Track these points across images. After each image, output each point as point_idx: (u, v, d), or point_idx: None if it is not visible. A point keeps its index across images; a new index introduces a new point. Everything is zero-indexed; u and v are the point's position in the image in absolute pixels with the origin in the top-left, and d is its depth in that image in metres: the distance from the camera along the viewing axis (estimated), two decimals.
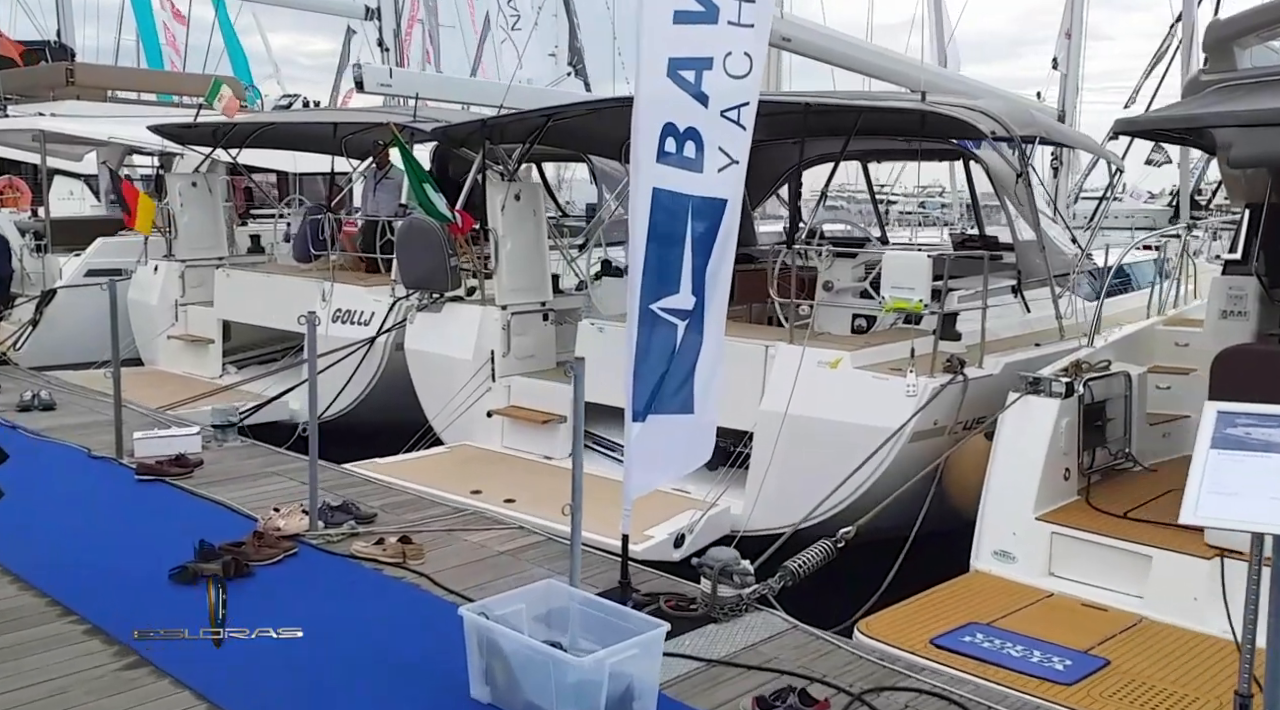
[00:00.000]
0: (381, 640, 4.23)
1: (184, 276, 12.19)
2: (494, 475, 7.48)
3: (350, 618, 4.44)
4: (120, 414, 6.88)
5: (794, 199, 7.67)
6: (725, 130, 4.66)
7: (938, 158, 10.31)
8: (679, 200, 4.56)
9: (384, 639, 4.25)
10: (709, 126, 4.60)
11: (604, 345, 7.84)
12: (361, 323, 9.79)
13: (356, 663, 4.01)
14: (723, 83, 4.58)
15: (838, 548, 4.88)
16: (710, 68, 4.52)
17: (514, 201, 8.59)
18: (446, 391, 8.54)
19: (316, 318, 5.63)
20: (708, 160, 4.63)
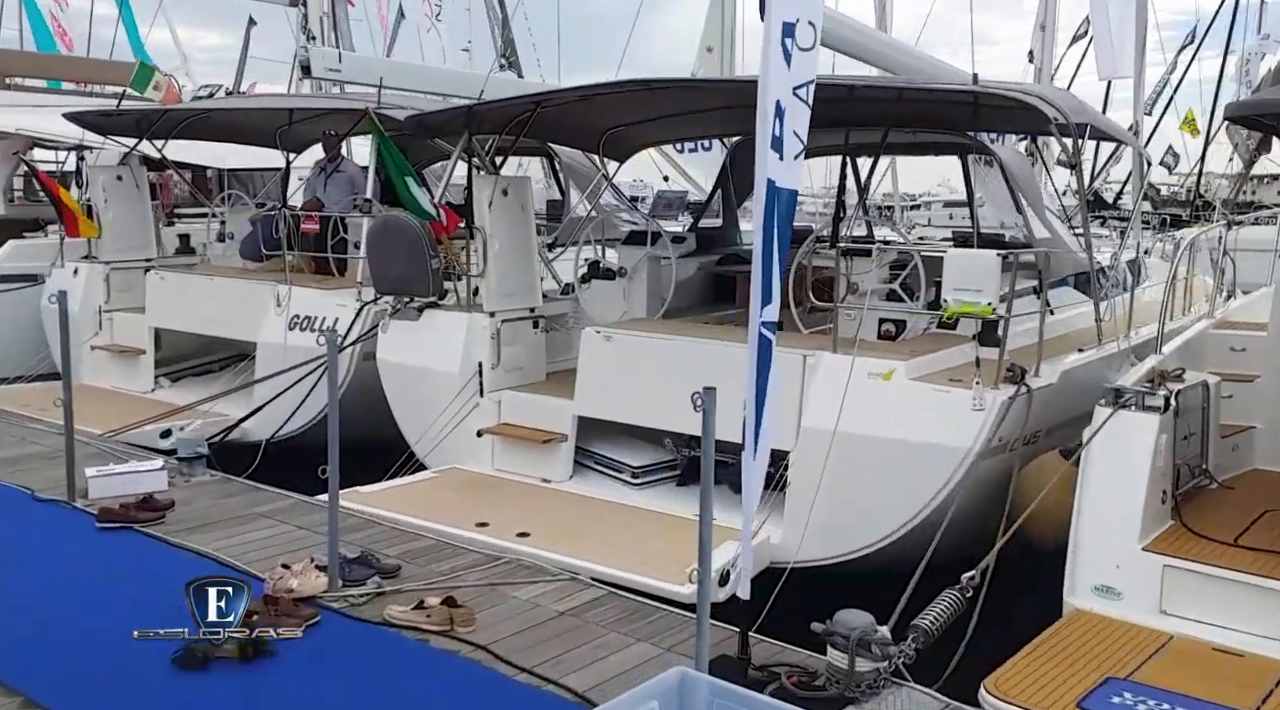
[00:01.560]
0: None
1: (109, 280, 11.05)
2: (494, 504, 6.71)
3: (400, 702, 3.67)
4: (72, 447, 5.91)
5: (842, 192, 7.03)
6: (798, 111, 4.00)
7: (935, 152, 9.81)
8: (777, 194, 3.89)
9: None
10: (789, 106, 3.94)
11: (609, 356, 7.15)
12: (323, 330, 8.88)
13: None
14: (796, 55, 3.92)
15: (965, 597, 4.29)
16: (792, 36, 3.86)
17: (501, 197, 7.81)
18: (428, 409, 7.72)
19: (336, 335, 4.75)
20: (787, 146, 3.97)
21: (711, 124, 9.47)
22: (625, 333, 7.14)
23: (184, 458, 6.49)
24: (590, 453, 7.46)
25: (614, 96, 8.02)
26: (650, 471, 7.17)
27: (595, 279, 8.71)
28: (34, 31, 24.88)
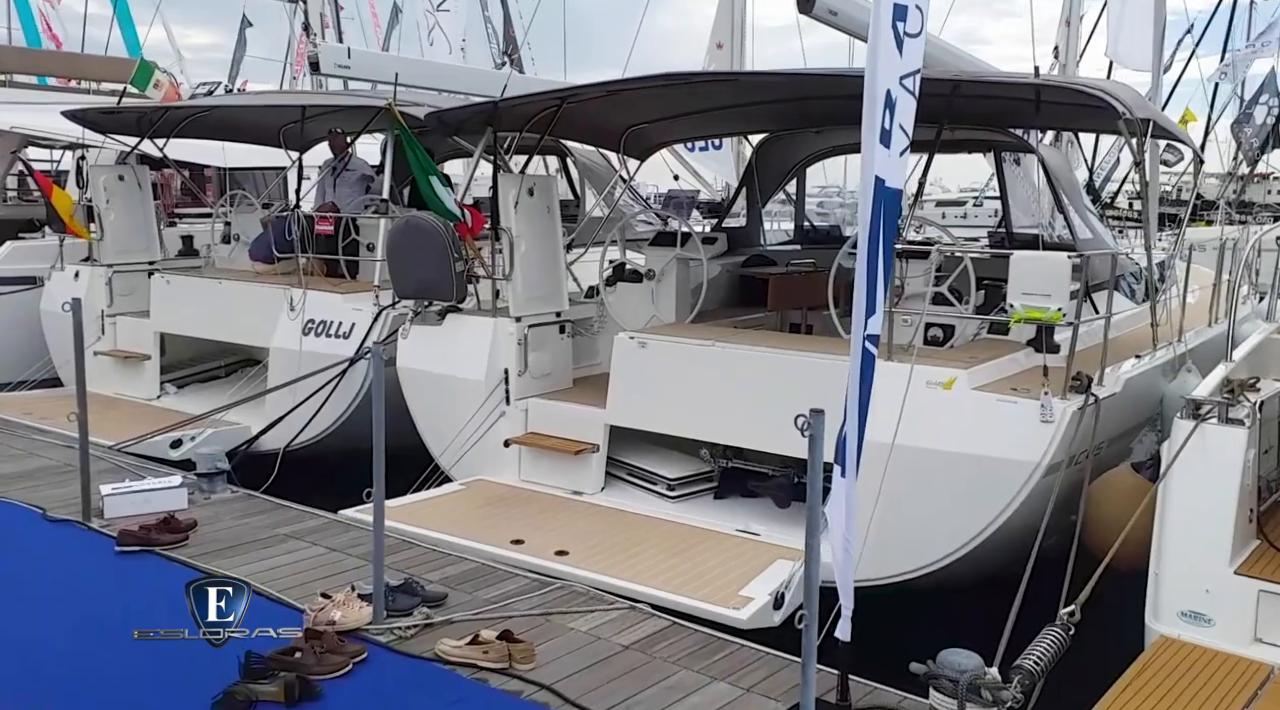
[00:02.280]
0: None
1: (111, 283, 10.70)
2: (526, 519, 6.41)
3: None
4: (87, 465, 5.56)
5: (920, 193, 6.70)
6: (906, 103, 3.70)
7: (967, 150, 9.52)
8: (884, 194, 3.58)
9: None
10: (899, 97, 3.63)
11: (644, 363, 6.84)
12: (340, 335, 8.57)
13: None
14: (906, 42, 3.61)
15: (1068, 635, 4.00)
16: (904, 19, 3.55)
17: (527, 197, 7.50)
18: (452, 417, 7.41)
19: (384, 351, 4.44)
20: (895, 140, 3.66)
21: (737, 121, 9.18)
22: (661, 339, 6.84)
23: (203, 473, 6.16)
24: (621, 463, 7.16)
25: (641, 92, 7.73)
26: (686, 483, 6.88)
27: (621, 282, 8.39)
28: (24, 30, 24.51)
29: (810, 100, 8.07)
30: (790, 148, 9.85)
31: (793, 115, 8.72)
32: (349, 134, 10.11)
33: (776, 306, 8.34)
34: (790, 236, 10.82)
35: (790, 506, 6.45)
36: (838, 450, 3.56)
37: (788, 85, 7.23)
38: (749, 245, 9.96)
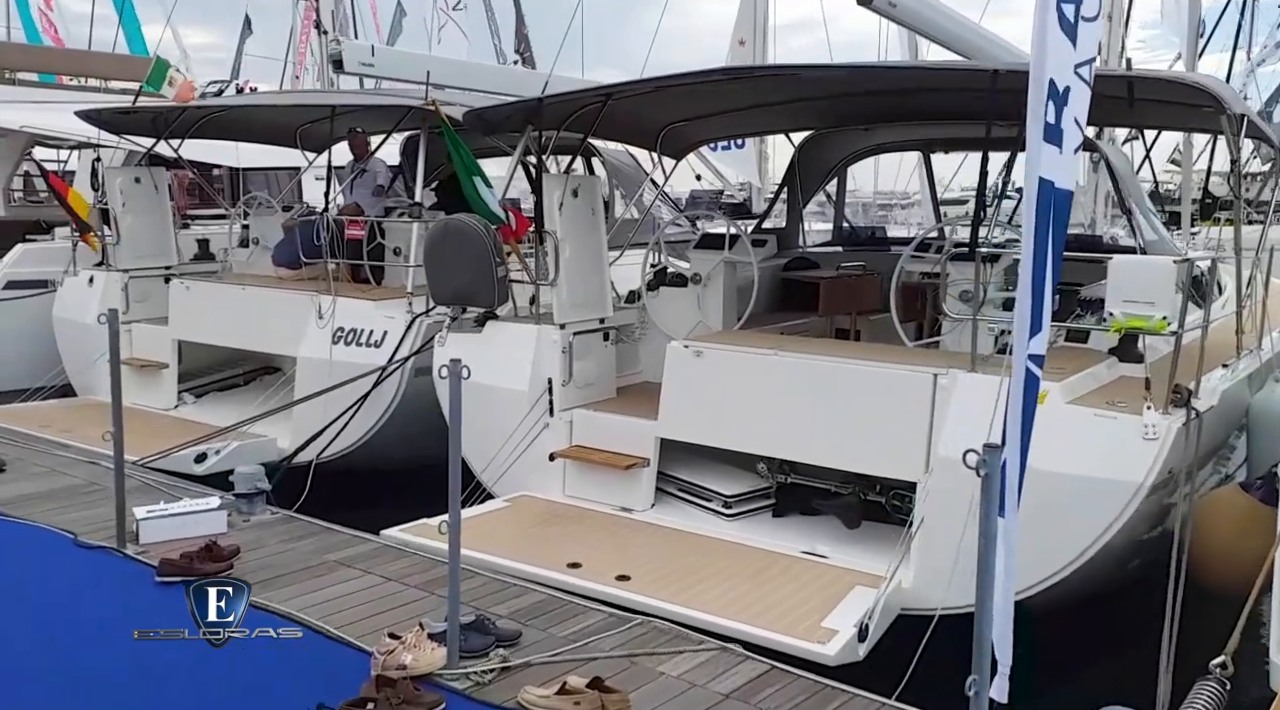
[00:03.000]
0: None
1: (127, 289, 10.34)
2: (579, 539, 6.05)
3: None
4: (123, 488, 5.19)
5: (982, 192, 6.32)
6: (1080, 95, 3.26)
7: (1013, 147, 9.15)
8: (1053, 197, 3.18)
9: None
10: (1074, 88, 3.21)
11: (699, 373, 6.49)
12: (371, 344, 8.22)
13: None
14: (1081, 26, 3.19)
15: (1224, 689, 3.65)
16: (1075, 1, 3.13)
17: (571, 198, 7.16)
18: (493, 430, 7.05)
19: (462, 369, 4.09)
20: (1067, 137, 3.22)
21: (780, 118, 8.82)
22: (718, 347, 6.48)
23: (242, 494, 5.79)
24: (671, 478, 6.81)
25: (688, 88, 7.38)
26: (744, 500, 6.53)
27: (664, 286, 8.03)
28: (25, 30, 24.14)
29: (863, 96, 7.73)
30: (834, 146, 9.51)
31: (842, 112, 8.38)
32: (379, 133, 9.74)
33: (828, 312, 7.99)
34: (828, 238, 10.47)
35: (860, 526, 6.09)
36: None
37: (852, 79, 6.84)
38: (788, 247, 9.63)
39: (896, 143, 9.60)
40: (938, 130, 8.83)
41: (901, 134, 9.04)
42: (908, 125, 8.91)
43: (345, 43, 10.97)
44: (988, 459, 2.84)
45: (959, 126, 8.46)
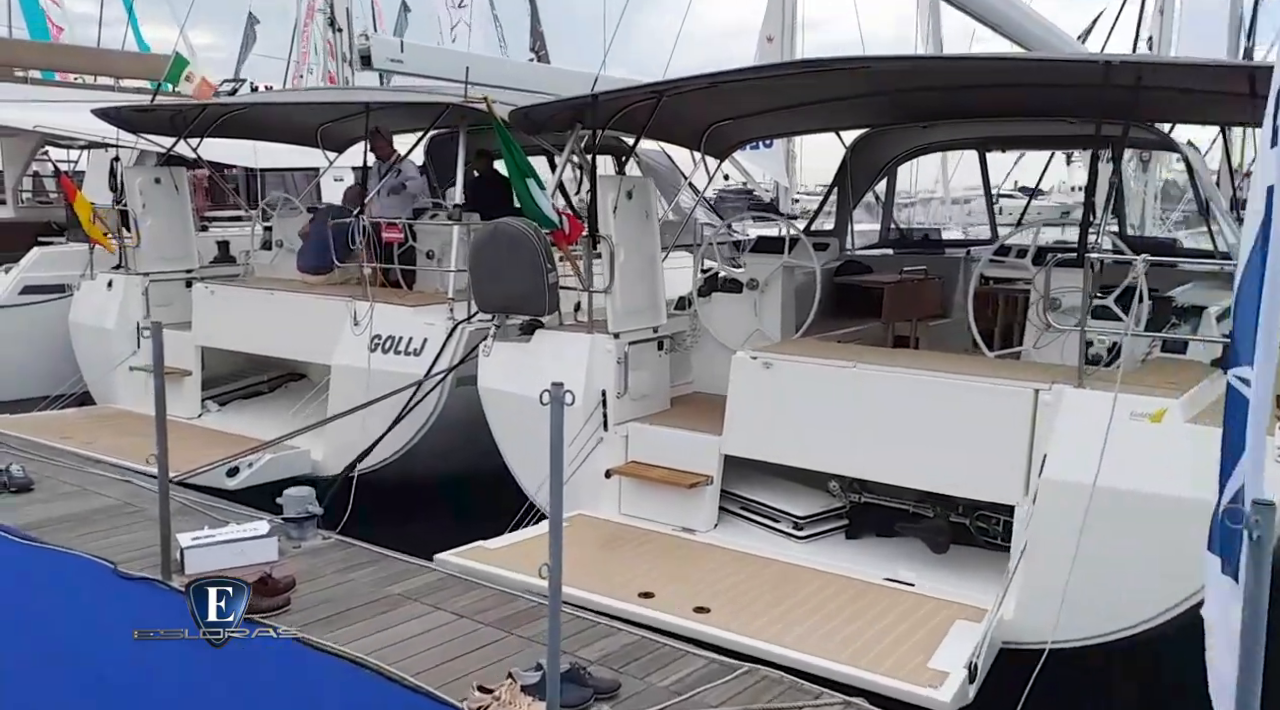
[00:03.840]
0: None
1: (148, 293, 9.96)
2: (645, 564, 5.67)
3: None
4: (168, 516, 4.78)
5: (1092, 193, 5.91)
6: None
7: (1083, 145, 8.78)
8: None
9: None
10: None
11: (768, 385, 6.10)
12: (410, 352, 7.85)
13: None
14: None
15: None
16: None
17: (625, 200, 6.78)
18: (543, 444, 6.65)
19: (564, 394, 3.71)
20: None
21: (832, 116, 8.43)
22: (789, 358, 6.09)
23: (292, 518, 5.40)
24: (734, 497, 6.43)
25: (743, 85, 7.01)
26: (817, 521, 6.14)
27: (717, 292, 7.64)
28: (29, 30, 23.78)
29: (931, 91, 7.35)
30: (887, 144, 9.13)
31: (904, 107, 7.99)
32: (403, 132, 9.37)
33: (892, 318, 7.62)
34: (875, 240, 10.09)
35: (948, 551, 5.71)
36: (1215, 531, 2.76)
37: (944, 72, 6.43)
38: (838, 250, 9.24)
39: (952, 141, 9.23)
40: (1003, 127, 8.45)
41: (962, 131, 8.67)
42: (970, 122, 8.53)
43: (374, 38, 10.58)
44: (1260, 518, 2.36)
45: (1027, 123, 8.09)
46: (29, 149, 14.24)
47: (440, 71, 10.64)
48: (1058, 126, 8.20)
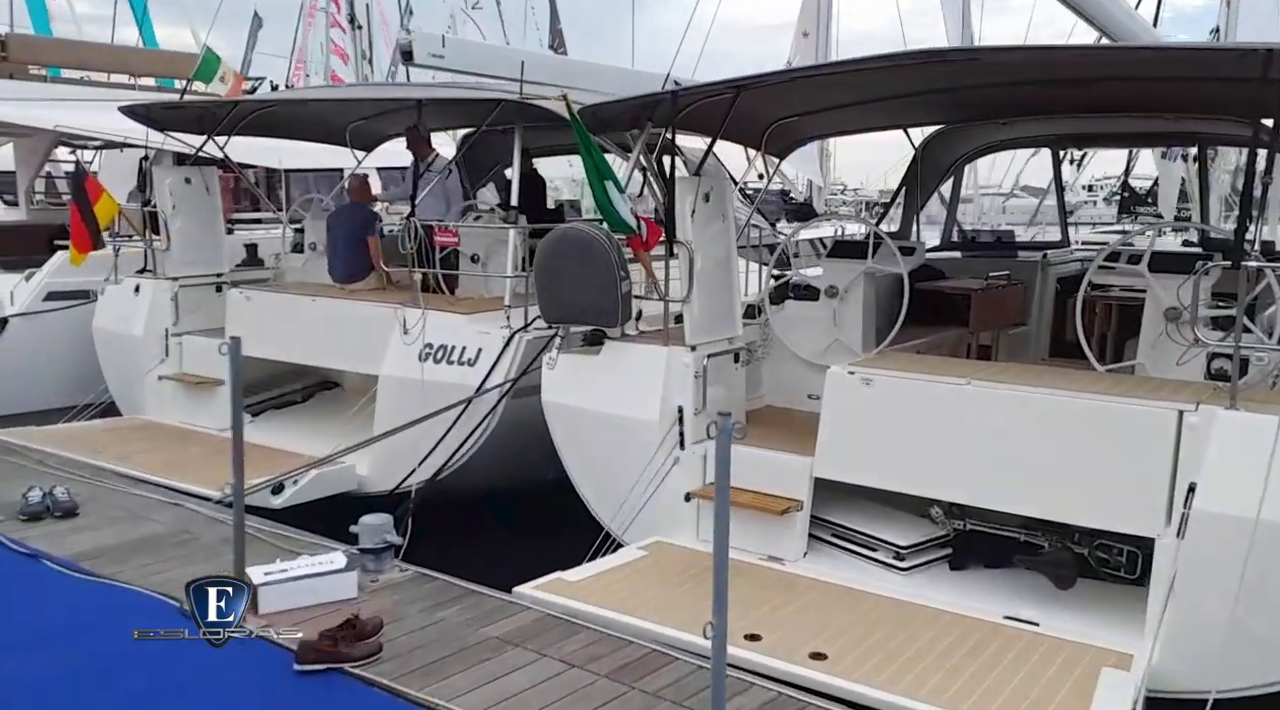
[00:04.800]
0: None
1: (177, 299, 9.51)
2: (742, 600, 5.17)
3: None
4: (243, 551, 4.28)
5: (1249, 190, 5.41)
6: None
7: (1163, 142, 8.35)
8: None
9: None
10: None
11: (867, 403, 5.66)
12: (464, 362, 7.40)
13: None
14: None
15: None
16: None
17: (703, 203, 6.34)
18: (616, 465, 6.25)
19: (733, 424, 3.28)
20: None
21: (903, 112, 7.98)
22: (892, 374, 5.64)
23: (368, 549, 4.94)
24: (823, 522, 5.99)
25: (825, 79, 6.58)
26: (920, 551, 5.70)
27: (790, 299, 7.19)
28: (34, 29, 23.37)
29: (1016, 86, 6.90)
30: (958, 142, 8.68)
31: (982, 103, 7.54)
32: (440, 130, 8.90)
33: (979, 327, 7.18)
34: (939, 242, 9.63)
35: (1074, 586, 5.26)
36: None
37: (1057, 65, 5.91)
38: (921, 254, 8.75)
39: (1025, 138, 8.77)
40: (1087, 124, 8.00)
41: (1040, 128, 8.22)
42: (1053, 118, 8.07)
43: (415, 32, 10.07)
44: None
45: (1113, 120, 7.65)
46: (43, 149, 13.79)
47: (482, 68, 10.14)
48: (1150, 123, 7.78)
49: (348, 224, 8.95)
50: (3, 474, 5.87)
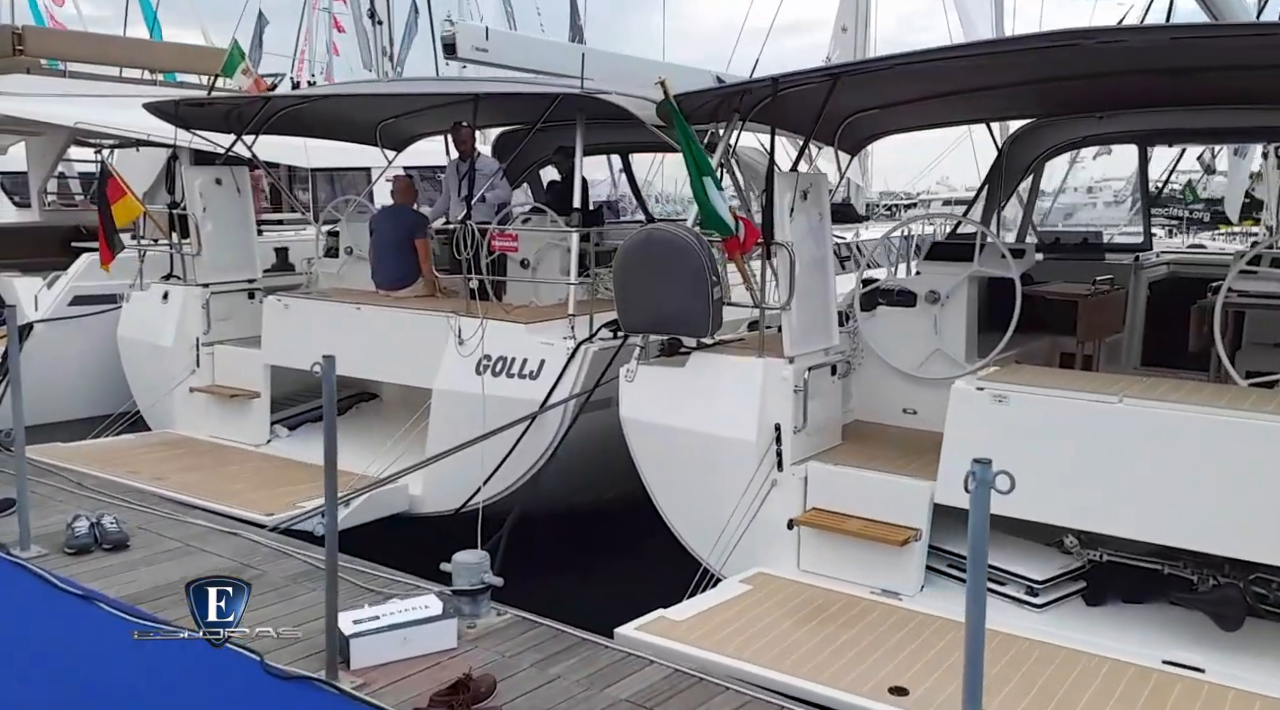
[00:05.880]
0: None
1: (208, 306, 8.97)
2: (868, 641, 4.67)
3: None
4: (335, 594, 3.69)
5: None
6: None
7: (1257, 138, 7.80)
8: None
9: None
10: None
11: (997, 422, 5.10)
12: (525, 375, 6.88)
13: None
14: None
15: None
16: None
17: (801, 201, 5.79)
18: (710, 489, 5.70)
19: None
20: None
21: (993, 105, 7.44)
22: (1029, 390, 5.08)
23: (463, 591, 4.36)
24: (940, 552, 5.44)
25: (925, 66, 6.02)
26: (1056, 586, 5.15)
27: (883, 305, 6.63)
28: None
29: (1128, 76, 6.36)
30: (1045, 137, 8.12)
31: (1084, 95, 7.00)
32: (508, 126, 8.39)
33: (1088, 336, 6.63)
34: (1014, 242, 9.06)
35: (1242, 626, 4.70)
36: None
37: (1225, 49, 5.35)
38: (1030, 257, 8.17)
39: (1113, 134, 8.21)
40: (1181, 119, 7.45)
41: (1139, 123, 7.66)
42: (1146, 113, 7.53)
43: (460, 25, 9.54)
44: None
45: (1210, 114, 7.11)
46: (57, 148, 13.24)
47: (528, 63, 9.62)
48: (1249, 117, 7.23)
49: (393, 226, 8.41)
50: (41, 499, 5.27)
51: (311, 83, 20.77)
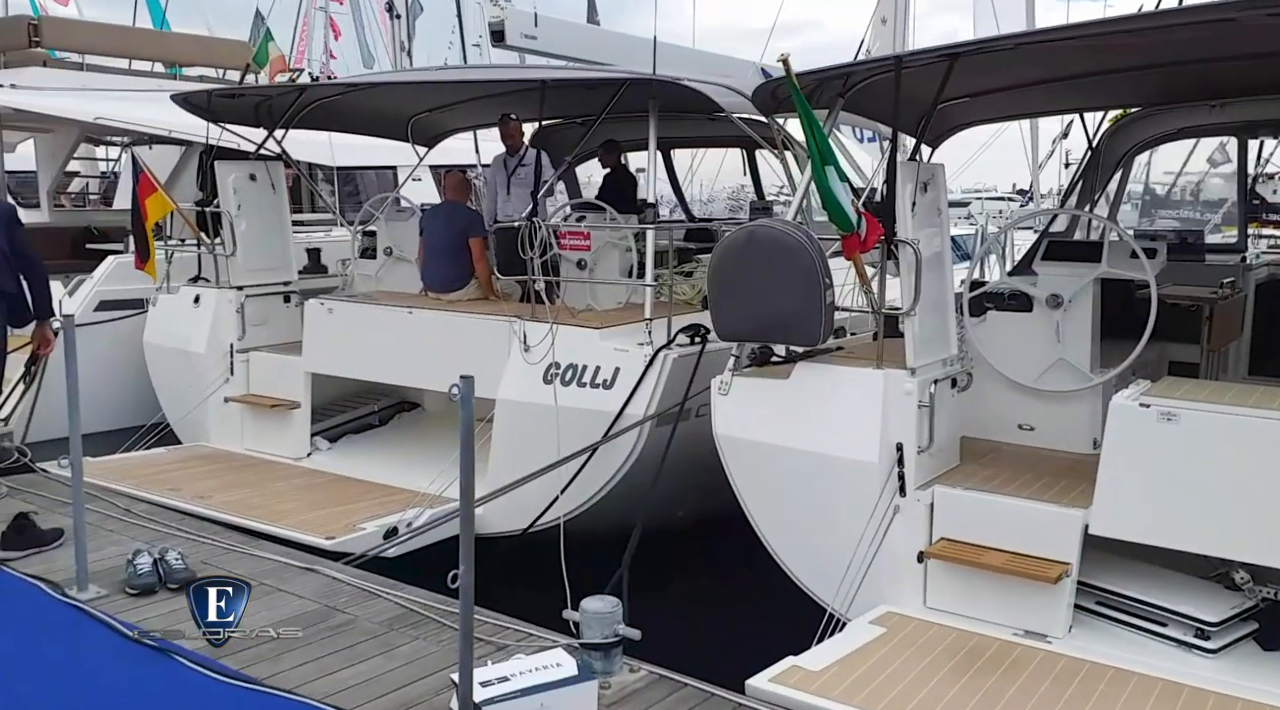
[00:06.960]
0: None
1: (243, 310, 8.38)
2: (1029, 696, 4.10)
3: None
4: (470, 654, 2.99)
5: None
6: None
7: None
8: None
9: None
10: None
11: (1163, 444, 4.51)
12: (599, 384, 6.33)
13: None
14: None
15: None
16: None
17: (921, 194, 5.21)
18: (823, 516, 5.12)
19: None
20: None
21: (1100, 93, 6.88)
22: (1204, 408, 4.48)
23: (594, 644, 3.78)
24: (1092, 589, 4.86)
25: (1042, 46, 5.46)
26: (1230, 628, 4.57)
27: (990, 310, 6.03)
28: None
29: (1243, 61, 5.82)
30: (1142, 128, 7.55)
31: (1196, 82, 6.43)
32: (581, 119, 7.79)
33: (1220, 342, 6.06)
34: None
35: None
36: None
37: None
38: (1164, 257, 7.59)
39: (1213, 126, 7.65)
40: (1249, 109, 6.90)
41: (1246, 112, 7.09)
42: (1256, 102, 6.96)
43: (508, 9, 8.92)
44: None
45: None
46: (67, 145, 12.64)
47: (579, 52, 9.04)
48: None
49: (446, 225, 7.83)
50: (90, 528, 4.63)
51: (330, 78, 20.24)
